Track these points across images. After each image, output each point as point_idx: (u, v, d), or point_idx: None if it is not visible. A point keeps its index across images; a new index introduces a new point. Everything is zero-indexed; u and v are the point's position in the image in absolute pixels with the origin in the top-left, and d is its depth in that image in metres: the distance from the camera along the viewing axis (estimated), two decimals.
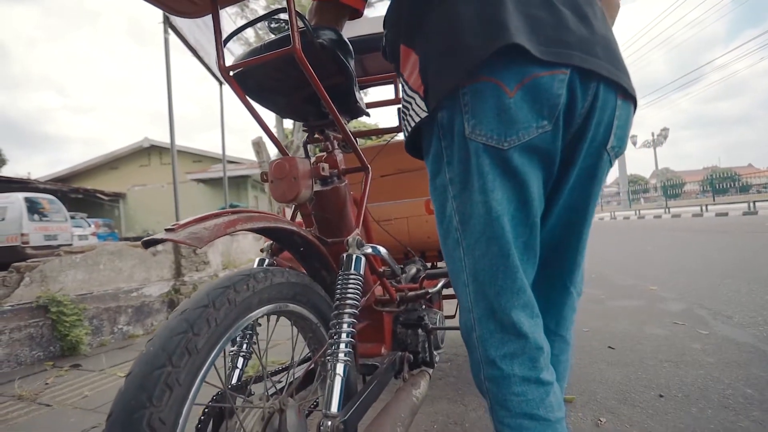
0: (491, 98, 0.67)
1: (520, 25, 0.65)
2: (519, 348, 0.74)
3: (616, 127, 0.73)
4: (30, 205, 9.91)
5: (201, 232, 0.71)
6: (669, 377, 1.79)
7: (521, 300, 0.74)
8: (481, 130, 0.68)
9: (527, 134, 0.67)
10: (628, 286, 3.82)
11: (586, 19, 0.69)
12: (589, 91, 0.68)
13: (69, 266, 2.69)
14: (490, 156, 0.70)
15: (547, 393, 0.74)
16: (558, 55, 0.64)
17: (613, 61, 0.70)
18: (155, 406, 0.58)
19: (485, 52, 0.64)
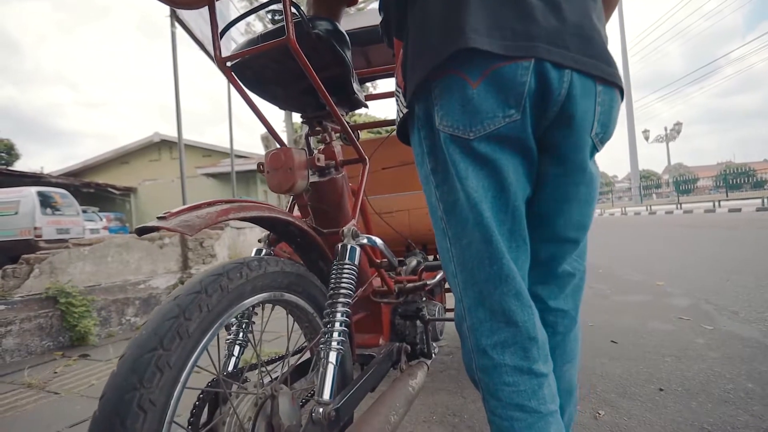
0: (456, 90, 0.69)
1: (480, 22, 0.65)
2: (510, 336, 0.73)
3: (598, 113, 0.73)
4: (43, 199, 10.06)
5: (193, 221, 0.72)
6: (670, 371, 1.78)
7: (510, 287, 0.73)
8: (448, 121, 0.70)
9: (493, 124, 0.68)
10: (634, 282, 3.79)
11: (558, 8, 0.67)
12: (564, 78, 0.67)
13: (77, 258, 2.74)
14: (458, 146, 0.71)
15: (540, 385, 0.73)
16: (520, 48, 0.65)
17: (586, 49, 0.68)
18: (146, 387, 0.59)
19: (443, 55, 0.67)
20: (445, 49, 0.67)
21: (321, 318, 1.00)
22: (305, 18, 0.99)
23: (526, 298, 0.75)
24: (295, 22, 0.99)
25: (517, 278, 0.74)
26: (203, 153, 17.76)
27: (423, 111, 0.75)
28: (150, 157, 18.75)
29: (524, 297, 0.74)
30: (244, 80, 1.16)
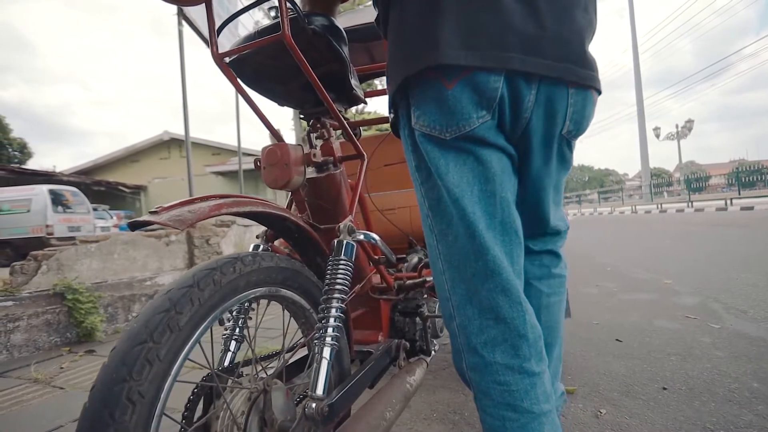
0: (432, 90, 0.70)
1: (455, 32, 0.66)
2: (499, 334, 0.73)
3: (571, 113, 0.75)
4: (54, 197, 10.21)
5: (184, 215, 0.72)
6: (674, 370, 1.76)
7: (497, 282, 0.73)
8: (424, 120, 0.72)
9: (468, 125, 0.70)
10: (642, 280, 3.75)
11: (537, 13, 0.68)
12: (532, 87, 0.69)
13: (84, 255, 2.77)
14: (436, 144, 0.73)
15: (533, 384, 0.71)
16: (494, 59, 0.66)
17: (562, 54, 0.69)
18: (135, 380, 0.60)
19: (419, 66, 0.69)
20: (420, 61, 0.69)
21: (317, 313, 1.00)
22: (301, 13, 0.98)
23: (515, 294, 0.73)
24: (291, 18, 0.99)
25: (505, 273, 0.73)
26: (212, 151, 17.88)
27: (404, 111, 0.78)
28: (160, 155, 18.92)
29: (513, 293, 0.73)
30: (243, 77, 1.17)
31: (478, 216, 0.72)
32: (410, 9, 0.72)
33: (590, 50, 0.75)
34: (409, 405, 1.66)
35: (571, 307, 2.95)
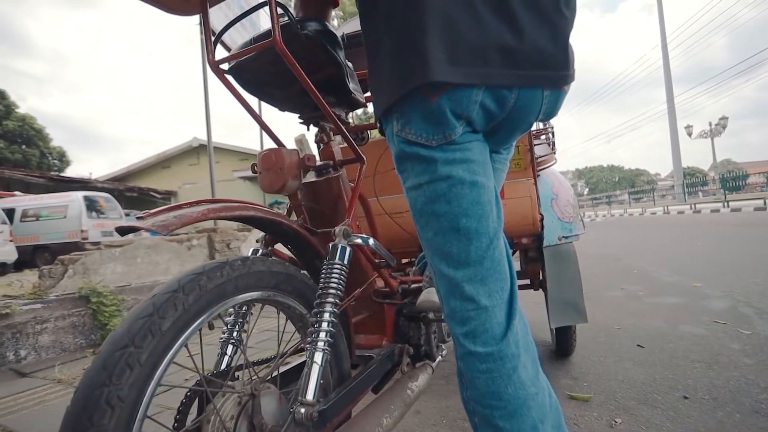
0: (418, 102, 0.72)
1: (440, 46, 0.68)
2: (480, 324, 0.74)
3: (543, 110, 0.78)
4: (89, 203, 10.63)
5: (169, 220, 0.73)
6: (698, 378, 1.67)
7: (479, 270, 0.75)
8: (410, 129, 0.74)
9: (454, 133, 0.72)
10: (670, 283, 3.61)
11: (514, 20, 0.69)
12: (512, 93, 0.72)
13: (109, 259, 2.87)
14: (421, 148, 0.75)
15: (515, 368, 0.73)
16: (476, 75, 0.69)
17: (539, 63, 0.72)
18: (114, 384, 0.60)
19: (408, 86, 0.71)
20: (413, 78, 0.70)
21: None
22: (293, 19, 0.99)
23: (494, 282, 0.76)
24: (285, 24, 1.00)
25: (487, 262, 0.75)
26: (240, 157, 18.25)
27: (388, 119, 0.79)
28: (189, 161, 19.47)
29: (492, 282, 0.75)
30: (243, 83, 1.18)
31: (465, 208, 0.74)
32: (395, 26, 0.73)
33: (569, 45, 0.76)
34: (418, 410, 1.64)
35: (592, 311, 2.87)
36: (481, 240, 0.75)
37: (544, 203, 1.77)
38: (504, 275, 0.77)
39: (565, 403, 1.57)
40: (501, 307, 0.75)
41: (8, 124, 23.15)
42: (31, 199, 11.20)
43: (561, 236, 1.74)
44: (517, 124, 0.78)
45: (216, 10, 1.14)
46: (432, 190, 0.75)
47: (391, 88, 0.74)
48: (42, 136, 25.30)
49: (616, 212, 22.39)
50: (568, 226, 1.77)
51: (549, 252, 1.73)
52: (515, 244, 1.86)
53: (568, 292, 1.71)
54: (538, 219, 1.67)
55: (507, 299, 0.77)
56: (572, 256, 1.75)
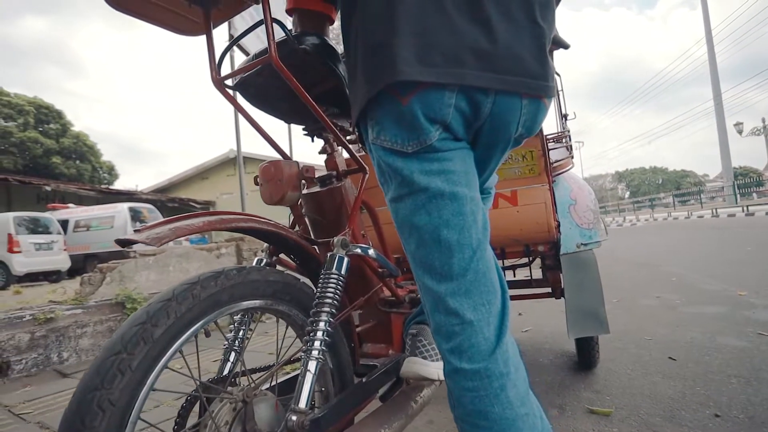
0: (389, 106, 0.72)
1: (411, 47, 0.68)
2: (466, 339, 0.72)
3: (523, 120, 0.77)
4: (133, 214, 11.21)
5: (163, 233, 0.77)
6: (733, 395, 1.57)
7: (462, 283, 0.73)
8: (385, 136, 0.74)
9: (428, 138, 0.71)
10: (711, 291, 3.40)
11: (489, 26, 0.69)
12: (488, 100, 0.71)
13: (143, 267, 3.02)
14: (399, 157, 0.74)
15: (502, 387, 0.70)
16: (448, 75, 0.68)
17: (515, 68, 0.70)
18: (106, 388, 0.64)
19: (378, 87, 0.70)
20: (380, 80, 0.70)
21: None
22: (290, 35, 1.02)
23: (479, 295, 0.73)
24: (284, 40, 1.03)
25: (470, 274, 0.73)
26: None
27: (364, 127, 0.80)
28: (227, 172, 20.14)
29: (477, 295, 0.73)
30: (249, 97, 1.22)
31: (445, 220, 0.73)
32: (367, 31, 0.74)
33: (546, 57, 0.75)
34: (431, 420, 1.63)
35: (623, 321, 2.76)
36: (464, 252, 0.73)
37: (562, 209, 1.73)
38: (490, 288, 0.74)
39: (585, 417, 1.51)
40: (488, 321, 0.73)
41: (64, 141, 24.81)
42: (82, 211, 11.93)
43: (580, 243, 1.69)
44: (496, 134, 0.76)
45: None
46: (411, 201, 0.75)
47: (363, 92, 0.74)
48: (94, 151, 26.95)
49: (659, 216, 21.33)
50: (588, 232, 1.72)
51: (567, 260, 1.67)
52: (532, 252, 1.82)
53: (587, 302, 1.65)
54: (554, 226, 1.63)
55: (497, 314, 0.74)
56: (592, 264, 1.69)
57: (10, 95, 24.12)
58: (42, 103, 25.17)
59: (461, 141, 0.76)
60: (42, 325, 2.39)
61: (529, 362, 2.17)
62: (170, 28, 1.12)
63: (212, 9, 1.07)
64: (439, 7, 0.68)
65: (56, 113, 25.64)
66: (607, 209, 37.20)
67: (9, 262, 8.85)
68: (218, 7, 1.08)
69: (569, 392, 1.73)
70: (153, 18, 1.08)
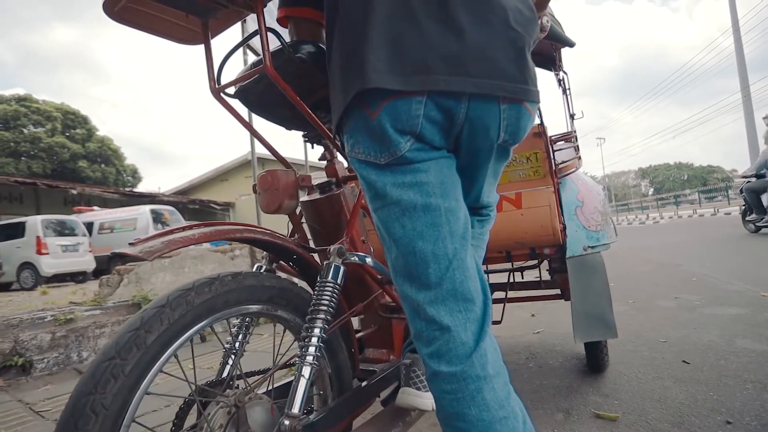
0: (360, 120, 0.74)
1: (381, 56, 0.68)
2: (444, 344, 0.73)
3: (504, 126, 0.76)
4: (155, 215, 11.48)
5: (156, 246, 0.79)
6: (747, 401, 1.53)
7: (439, 292, 0.74)
8: (359, 148, 0.75)
9: (398, 150, 0.72)
10: (733, 292, 3.30)
11: (460, 32, 0.69)
12: (461, 104, 0.71)
13: (159, 269, 3.09)
14: (374, 169, 0.75)
15: (479, 389, 0.71)
16: (415, 83, 0.68)
17: (489, 71, 0.70)
18: (99, 393, 0.66)
19: (348, 96, 0.72)
20: (350, 90, 0.72)
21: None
22: (286, 45, 1.03)
23: (456, 302, 0.74)
24: (280, 49, 1.05)
25: (446, 283, 0.74)
26: None
27: (341, 139, 0.82)
28: (245, 174, 20.41)
29: (453, 301, 0.74)
30: (250, 105, 1.25)
31: (419, 232, 0.74)
32: (342, 40, 0.75)
33: (525, 60, 0.74)
34: (434, 423, 1.62)
35: (638, 322, 2.70)
36: (439, 262, 0.74)
37: (568, 211, 1.70)
38: (468, 296, 0.75)
39: (591, 422, 1.49)
40: (465, 327, 0.74)
41: (90, 145, 25.58)
42: (106, 213, 12.29)
43: (587, 246, 1.66)
44: (476, 140, 0.76)
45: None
46: (386, 214, 0.76)
47: (339, 101, 0.76)
48: (118, 155, 27.71)
49: (684, 213, 20.74)
50: (595, 235, 1.69)
51: (573, 263, 1.65)
52: (538, 255, 1.80)
53: (594, 306, 1.63)
54: (560, 229, 1.61)
55: (476, 319, 0.75)
56: (600, 267, 1.66)
57: (38, 102, 25.01)
58: (69, 108, 26.01)
59: (439, 149, 0.76)
60: (62, 326, 2.48)
61: (538, 364, 2.15)
62: (171, 38, 1.15)
63: (210, 19, 1.10)
64: (410, 14, 0.69)
65: (82, 118, 26.47)
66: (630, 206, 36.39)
67: (38, 263, 9.17)
68: (216, 18, 1.11)
69: (577, 396, 1.71)
70: (154, 29, 1.11)
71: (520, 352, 2.41)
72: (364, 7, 0.71)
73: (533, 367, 2.12)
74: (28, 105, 24.22)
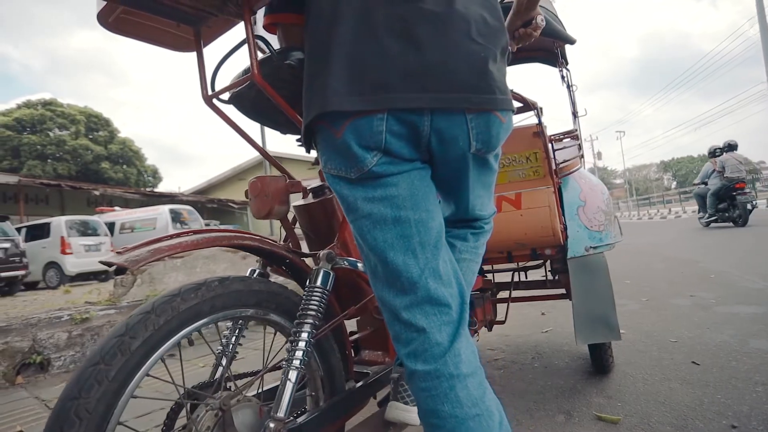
0: (327, 139, 0.76)
1: (341, 78, 0.71)
2: (420, 344, 0.76)
3: (474, 134, 0.76)
4: (174, 215, 11.73)
5: (142, 255, 0.82)
6: (756, 404, 1.48)
7: (412, 300, 0.77)
8: (331, 165, 0.78)
9: (365, 166, 0.74)
10: (752, 290, 3.20)
11: (421, 47, 0.70)
12: (424, 117, 0.72)
13: (171, 269, 3.17)
14: (345, 183, 0.78)
15: (452, 387, 0.73)
16: (374, 102, 0.70)
17: (450, 84, 0.71)
18: (83, 397, 0.69)
19: (311, 116, 0.75)
20: (311, 112, 0.75)
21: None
22: (273, 52, 1.05)
23: (431, 306, 0.77)
24: (269, 56, 1.06)
25: (420, 290, 0.76)
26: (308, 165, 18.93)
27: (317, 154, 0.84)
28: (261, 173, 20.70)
29: (428, 306, 0.77)
30: (244, 111, 1.26)
31: (390, 243, 0.76)
32: (310, 59, 0.78)
33: (489, 71, 0.74)
34: None
35: (650, 322, 2.65)
36: (411, 271, 0.76)
37: (569, 211, 1.68)
38: (442, 301, 0.77)
39: (592, 424, 1.47)
40: (440, 329, 0.76)
41: (112, 147, 26.22)
42: (127, 214, 12.60)
43: (589, 247, 1.64)
44: (446, 150, 0.77)
45: None
46: (359, 226, 0.79)
47: (304, 118, 0.79)
48: (139, 156, 28.34)
49: None
50: (598, 235, 1.66)
51: (574, 264, 1.63)
52: (539, 255, 1.78)
53: (596, 307, 1.60)
54: (560, 229, 1.59)
55: (451, 322, 0.77)
56: (602, 268, 1.64)
57: (63, 106, 25.75)
58: (92, 112, 26.70)
59: (411, 161, 0.77)
60: (78, 325, 2.56)
61: (543, 365, 2.13)
62: (165, 46, 1.17)
63: (202, 27, 1.12)
64: (371, 32, 0.70)
65: (105, 121, 27.15)
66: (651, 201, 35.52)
67: (62, 263, 9.47)
68: (208, 26, 1.12)
69: (580, 397, 1.69)
70: (148, 37, 1.14)
71: (526, 352, 2.39)
72: (329, 28, 0.73)
73: (538, 368, 2.10)
74: (53, 109, 24.97)
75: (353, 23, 0.72)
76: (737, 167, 8.41)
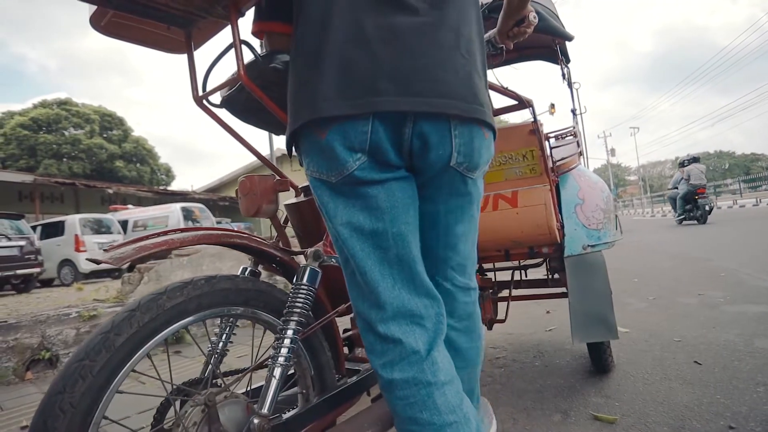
0: (311, 141, 0.76)
1: (330, 86, 0.71)
2: (397, 355, 0.76)
3: (457, 145, 0.75)
4: (185, 213, 11.86)
5: (127, 253, 0.84)
6: (755, 405, 1.46)
7: (387, 312, 0.77)
8: (314, 167, 0.78)
9: (346, 169, 0.74)
10: (761, 288, 3.14)
11: (413, 55, 0.70)
12: (407, 122, 0.72)
13: (178, 267, 3.21)
14: (327, 188, 0.78)
15: (429, 394, 0.74)
16: (364, 105, 0.70)
17: (437, 90, 0.71)
18: (67, 392, 0.71)
19: (299, 122, 0.75)
20: (302, 116, 0.75)
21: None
22: (258, 56, 1.06)
23: (405, 318, 0.77)
24: (254, 60, 1.08)
25: (395, 302, 0.76)
26: None
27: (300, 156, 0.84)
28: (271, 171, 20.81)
29: (403, 317, 0.77)
30: (236, 113, 1.28)
31: (367, 253, 0.77)
32: (298, 64, 0.78)
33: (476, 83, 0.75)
34: None
35: (655, 321, 2.62)
36: (386, 282, 0.77)
37: (567, 210, 1.67)
38: (417, 312, 0.78)
39: (588, 424, 1.47)
40: (416, 338, 0.77)
41: (126, 146, 26.62)
42: (140, 212, 12.78)
43: (586, 245, 1.63)
44: (426, 157, 0.76)
45: None
46: (336, 234, 0.79)
47: (289, 123, 0.79)
48: (152, 154, 28.72)
49: (723, 204, 19.75)
50: (596, 233, 1.65)
51: (571, 262, 1.62)
52: (537, 254, 1.77)
53: (593, 306, 1.59)
54: (556, 227, 1.58)
55: (428, 331, 0.78)
56: (600, 266, 1.62)
57: (78, 105, 26.20)
58: (106, 111, 27.13)
59: (393, 169, 0.76)
60: (86, 322, 2.62)
61: (544, 364, 2.12)
62: (157, 48, 1.19)
63: (193, 30, 1.14)
64: (362, 40, 0.71)
65: (118, 120, 27.56)
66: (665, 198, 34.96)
67: (76, 260, 9.65)
68: (198, 28, 1.14)
69: (578, 397, 1.68)
70: (140, 40, 1.16)
71: (528, 350, 2.38)
72: (320, 35, 0.73)
73: (539, 366, 2.09)
74: (68, 108, 25.43)
75: (344, 31, 0.72)
76: (699, 176, 10.13)
